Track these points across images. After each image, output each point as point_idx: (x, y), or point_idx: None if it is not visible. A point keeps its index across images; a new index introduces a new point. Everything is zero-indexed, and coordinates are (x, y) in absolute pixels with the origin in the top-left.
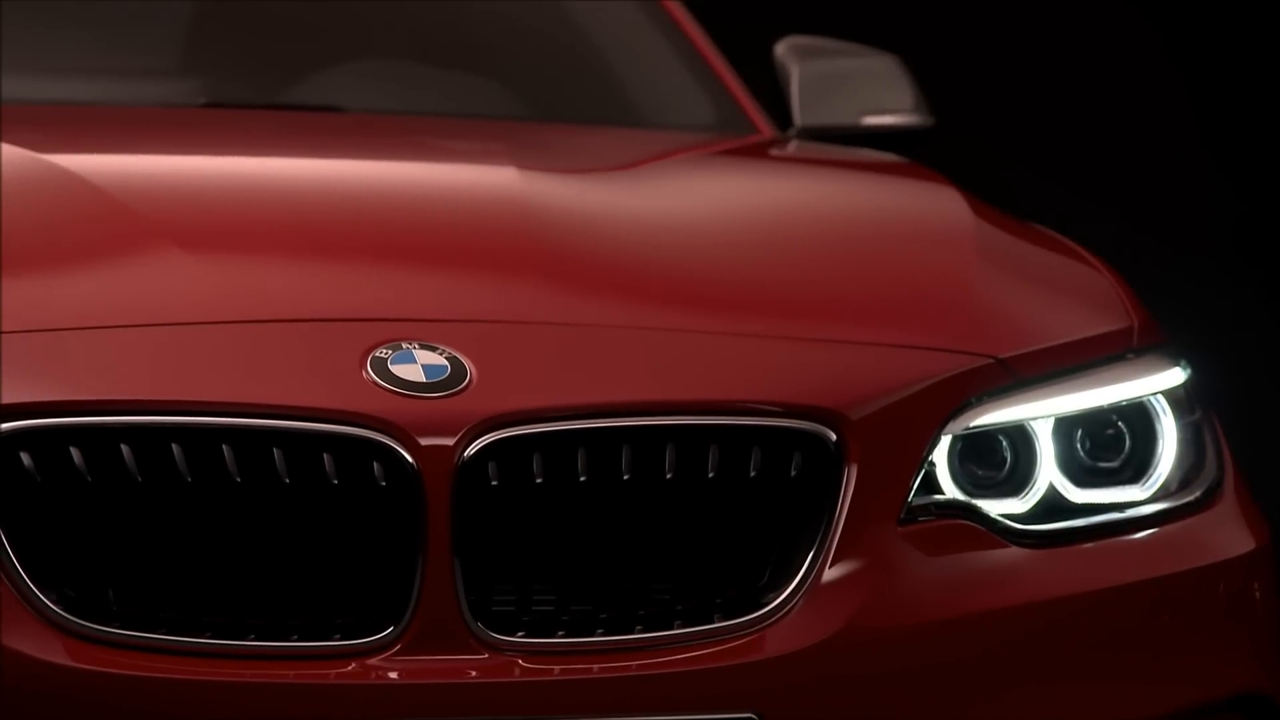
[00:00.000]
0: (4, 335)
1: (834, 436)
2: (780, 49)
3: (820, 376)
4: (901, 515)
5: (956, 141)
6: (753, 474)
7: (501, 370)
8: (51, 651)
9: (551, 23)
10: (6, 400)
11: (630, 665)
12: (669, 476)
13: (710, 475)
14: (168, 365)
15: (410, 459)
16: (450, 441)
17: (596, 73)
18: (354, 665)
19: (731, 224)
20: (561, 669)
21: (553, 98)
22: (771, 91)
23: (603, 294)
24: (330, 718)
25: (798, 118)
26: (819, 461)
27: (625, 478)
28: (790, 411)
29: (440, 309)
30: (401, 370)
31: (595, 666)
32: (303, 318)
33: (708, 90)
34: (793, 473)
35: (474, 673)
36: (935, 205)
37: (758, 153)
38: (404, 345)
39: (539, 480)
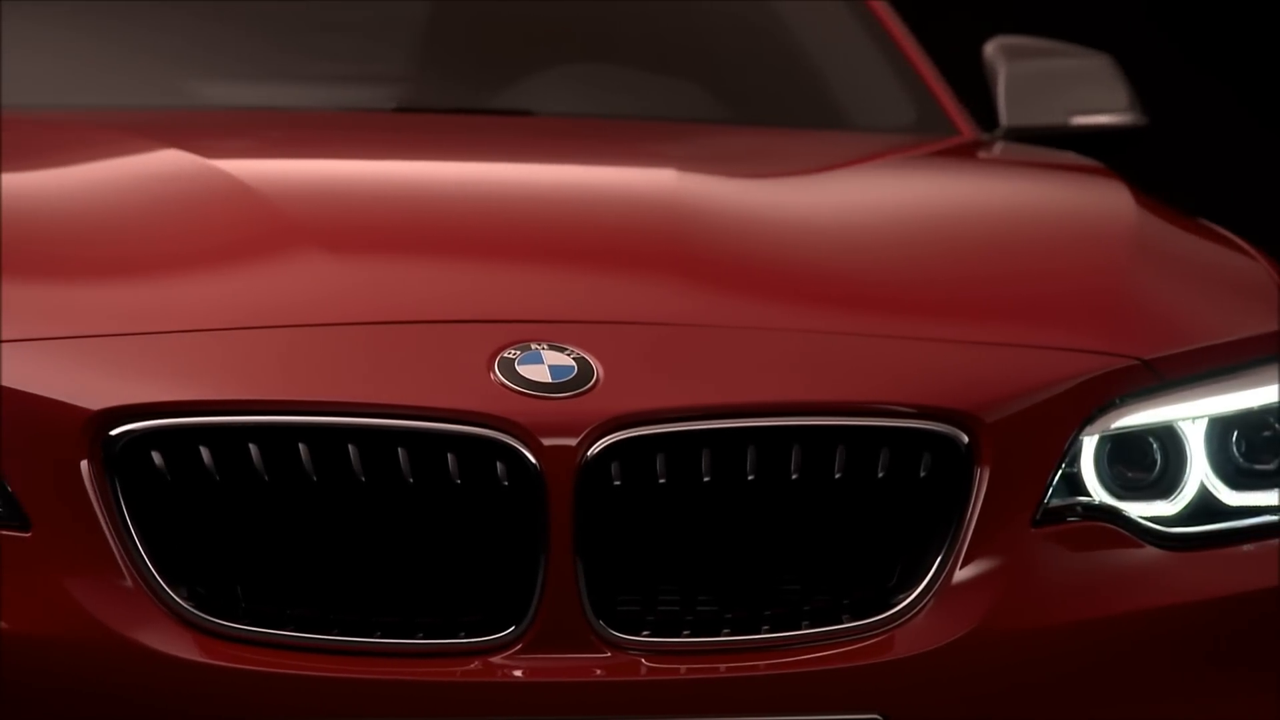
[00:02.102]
0: (135, 337)
1: (966, 438)
2: (989, 49)
3: (955, 378)
4: (1036, 516)
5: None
6: (881, 475)
7: (629, 371)
8: (183, 647)
9: (755, 24)
10: (138, 400)
11: (758, 665)
12: (794, 477)
13: (837, 476)
14: (296, 366)
15: (533, 459)
16: (573, 442)
17: (799, 75)
18: (478, 663)
19: (888, 226)
20: (688, 668)
21: (753, 100)
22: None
23: (738, 296)
24: (456, 715)
25: (1004, 118)
26: (950, 462)
27: (750, 478)
28: (922, 413)
29: (572, 310)
30: (528, 371)
31: (722, 666)
32: (434, 319)
33: (910, 91)
34: (922, 474)
35: (599, 671)
36: (1097, 204)
37: (943, 155)
38: (532, 346)
39: (662, 481)
